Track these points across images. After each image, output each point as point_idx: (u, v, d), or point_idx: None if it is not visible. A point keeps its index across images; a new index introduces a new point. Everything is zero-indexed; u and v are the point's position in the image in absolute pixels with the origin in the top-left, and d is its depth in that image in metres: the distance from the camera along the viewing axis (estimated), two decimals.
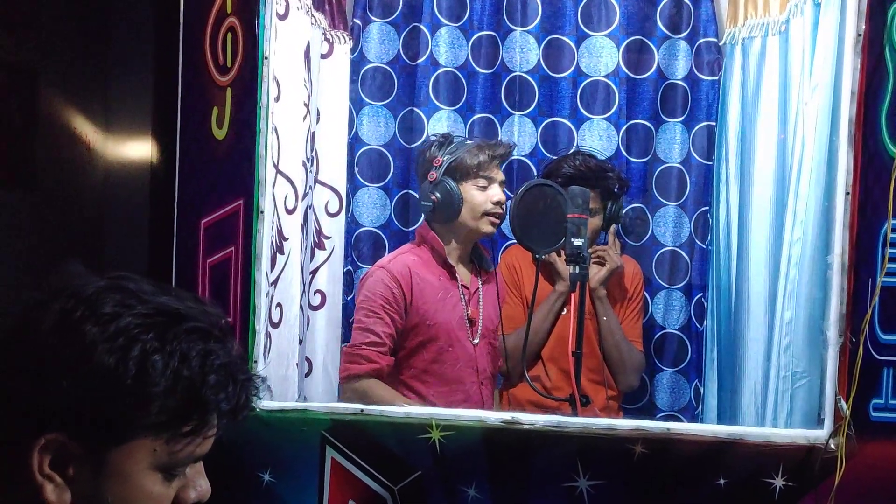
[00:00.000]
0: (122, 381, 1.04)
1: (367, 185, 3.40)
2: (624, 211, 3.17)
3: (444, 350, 2.76)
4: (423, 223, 2.88)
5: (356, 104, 3.37)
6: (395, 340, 2.72)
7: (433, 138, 2.89)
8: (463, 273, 2.84)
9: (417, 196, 2.95)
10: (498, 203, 2.75)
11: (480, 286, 2.86)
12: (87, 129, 2.21)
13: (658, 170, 3.40)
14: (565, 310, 3.01)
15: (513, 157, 3.40)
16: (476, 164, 2.73)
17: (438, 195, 2.74)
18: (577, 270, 2.48)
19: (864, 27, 2.16)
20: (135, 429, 1.06)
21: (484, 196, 2.75)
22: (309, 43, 2.83)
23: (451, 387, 2.76)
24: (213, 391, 1.09)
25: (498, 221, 2.79)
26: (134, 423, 1.05)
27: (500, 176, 2.80)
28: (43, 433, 1.04)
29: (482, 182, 2.75)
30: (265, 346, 2.43)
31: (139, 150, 2.20)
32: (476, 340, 2.81)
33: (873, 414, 2.16)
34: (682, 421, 3.28)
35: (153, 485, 1.09)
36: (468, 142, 2.81)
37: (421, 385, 2.76)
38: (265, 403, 2.31)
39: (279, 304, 2.59)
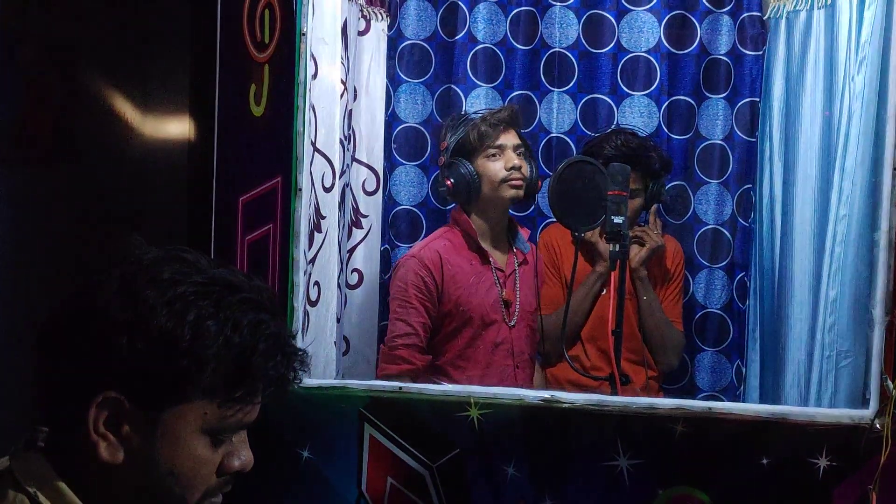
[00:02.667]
0: (178, 344, 1.09)
1: (405, 164, 3.39)
2: (665, 189, 3.13)
3: (479, 334, 2.75)
4: (456, 205, 2.86)
5: (393, 81, 3.35)
6: (430, 330, 2.72)
7: (443, 122, 2.89)
8: (497, 255, 2.82)
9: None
10: (513, 168, 2.73)
11: (517, 268, 2.84)
12: (124, 106, 2.21)
13: (700, 147, 3.35)
14: (605, 290, 2.98)
15: (551, 135, 3.37)
16: (478, 137, 2.73)
17: (451, 178, 2.74)
18: (617, 248, 2.45)
19: None
20: (189, 391, 1.11)
21: (498, 165, 2.74)
22: (346, 20, 2.82)
23: (485, 370, 2.75)
24: (262, 359, 1.14)
25: (518, 184, 2.75)
26: (188, 385, 1.11)
27: (513, 140, 2.77)
28: (101, 391, 1.09)
29: (492, 152, 2.74)
30: (303, 324, 2.44)
31: (177, 126, 2.20)
32: (512, 323, 2.79)
33: None
34: (723, 401, 3.24)
35: (202, 448, 1.14)
36: (473, 115, 2.80)
37: (455, 370, 2.75)
38: (304, 380, 2.31)
39: (317, 283, 2.59)
